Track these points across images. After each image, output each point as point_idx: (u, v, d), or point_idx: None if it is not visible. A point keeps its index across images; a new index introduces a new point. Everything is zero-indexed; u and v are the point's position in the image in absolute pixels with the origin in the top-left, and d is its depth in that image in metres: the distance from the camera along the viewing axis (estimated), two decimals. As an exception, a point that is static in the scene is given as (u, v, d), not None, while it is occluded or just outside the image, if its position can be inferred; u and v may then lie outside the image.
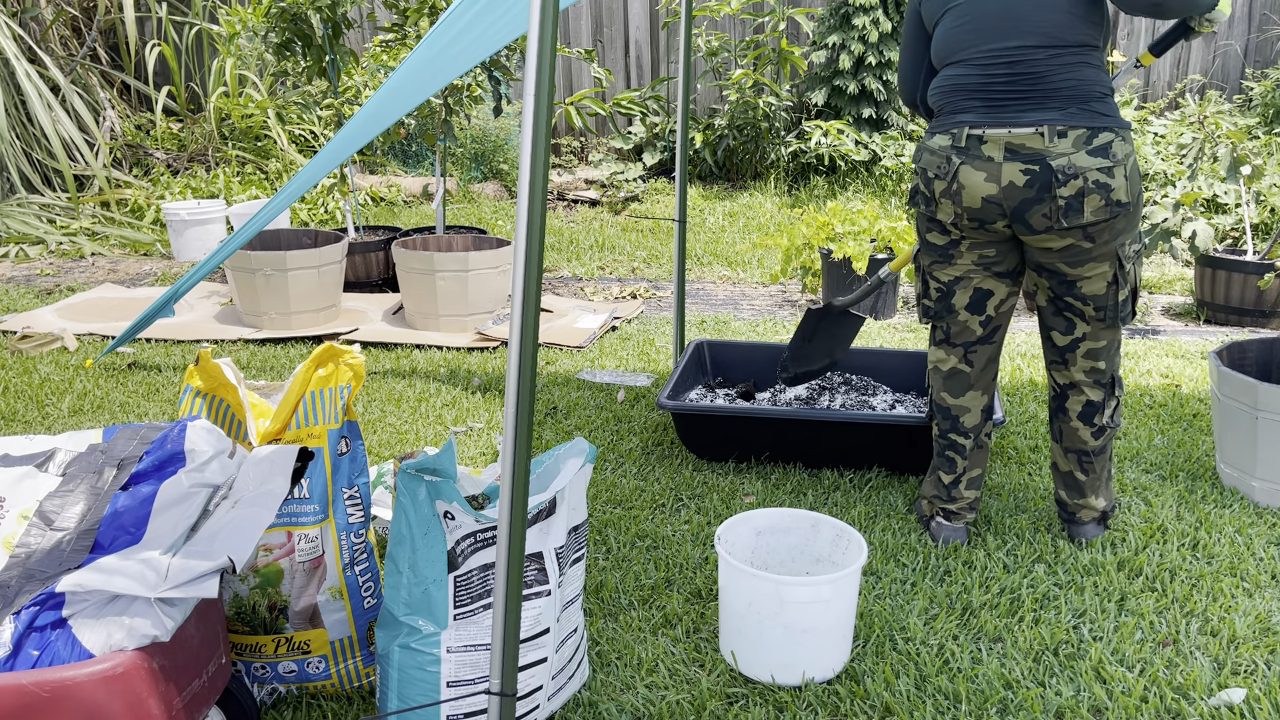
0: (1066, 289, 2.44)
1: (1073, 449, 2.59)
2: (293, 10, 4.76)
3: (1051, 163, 2.26)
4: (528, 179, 1.48)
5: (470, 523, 1.76)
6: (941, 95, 2.43)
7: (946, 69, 2.43)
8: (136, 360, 4.18)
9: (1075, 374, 2.53)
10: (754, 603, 2.02)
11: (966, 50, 2.37)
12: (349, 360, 1.93)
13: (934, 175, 2.40)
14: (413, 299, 4.58)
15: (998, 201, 2.33)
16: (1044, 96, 2.29)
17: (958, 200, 2.38)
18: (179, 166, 7.54)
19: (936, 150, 2.40)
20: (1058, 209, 2.28)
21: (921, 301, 2.62)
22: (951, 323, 2.56)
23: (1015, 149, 2.29)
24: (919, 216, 2.53)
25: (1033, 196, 2.29)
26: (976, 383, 2.61)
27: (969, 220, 2.39)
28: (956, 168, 2.36)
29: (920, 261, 2.58)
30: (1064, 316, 2.49)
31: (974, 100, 2.35)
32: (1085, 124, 2.27)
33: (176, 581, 1.48)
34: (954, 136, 2.36)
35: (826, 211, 5.09)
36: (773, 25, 7.17)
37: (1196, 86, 7.57)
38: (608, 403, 3.66)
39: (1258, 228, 5.51)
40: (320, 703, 2.01)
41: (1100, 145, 2.27)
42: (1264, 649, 2.19)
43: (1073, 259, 2.37)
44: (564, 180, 7.75)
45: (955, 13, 2.40)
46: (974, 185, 2.34)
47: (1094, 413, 2.54)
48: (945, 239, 2.48)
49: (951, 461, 2.63)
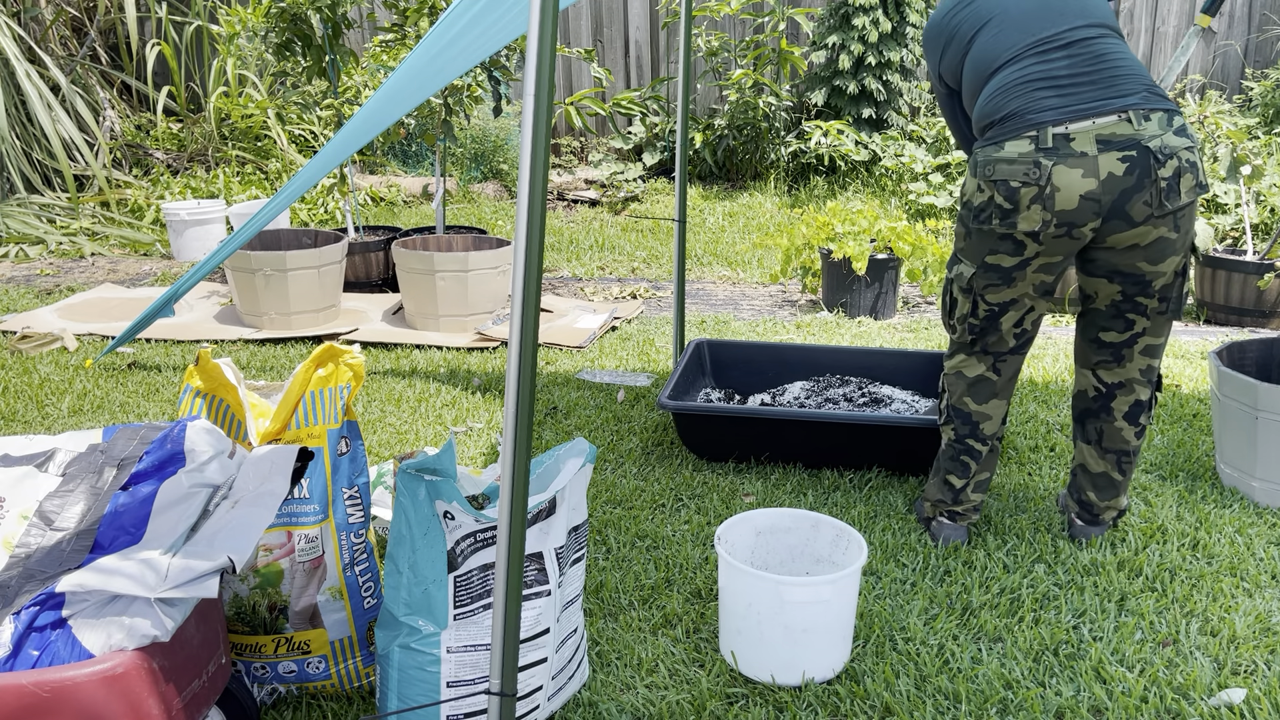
0: (1141, 289, 2.36)
1: (1113, 449, 2.55)
2: (293, 10, 4.76)
3: (1148, 144, 2.20)
4: (528, 179, 1.48)
5: (470, 523, 1.76)
6: (1001, 99, 2.32)
7: (996, 76, 2.35)
8: (136, 360, 4.18)
9: (1130, 371, 2.47)
10: (754, 603, 2.02)
11: (1014, 47, 2.33)
12: (349, 360, 1.93)
13: (1020, 184, 2.24)
14: (413, 299, 4.58)
15: (1096, 198, 2.22)
16: (1112, 79, 2.25)
17: (1049, 205, 2.24)
18: (179, 166, 7.54)
19: (1017, 158, 2.25)
20: (1160, 192, 2.20)
21: (967, 321, 2.49)
22: (992, 337, 2.50)
23: (1107, 140, 2.20)
24: (982, 237, 2.36)
25: (1134, 184, 2.20)
26: (1002, 391, 2.56)
27: (1057, 226, 2.26)
28: (1049, 170, 2.22)
29: (974, 285, 2.43)
30: (1125, 317, 2.41)
31: (1044, 92, 2.27)
32: (1162, 107, 2.24)
33: (176, 582, 1.48)
34: (1035, 140, 2.23)
35: (826, 211, 5.10)
36: (773, 25, 7.17)
37: (1196, 86, 7.57)
38: (608, 403, 3.66)
39: (1258, 228, 5.51)
40: (320, 703, 2.01)
41: (1180, 126, 2.24)
42: (1264, 649, 2.19)
43: (1157, 254, 2.30)
44: (564, 180, 7.75)
45: (987, 29, 2.37)
46: (1070, 185, 2.21)
47: (1140, 412, 2.50)
48: (1014, 259, 2.34)
49: (965, 466, 2.60)
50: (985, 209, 2.32)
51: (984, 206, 2.32)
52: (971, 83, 2.43)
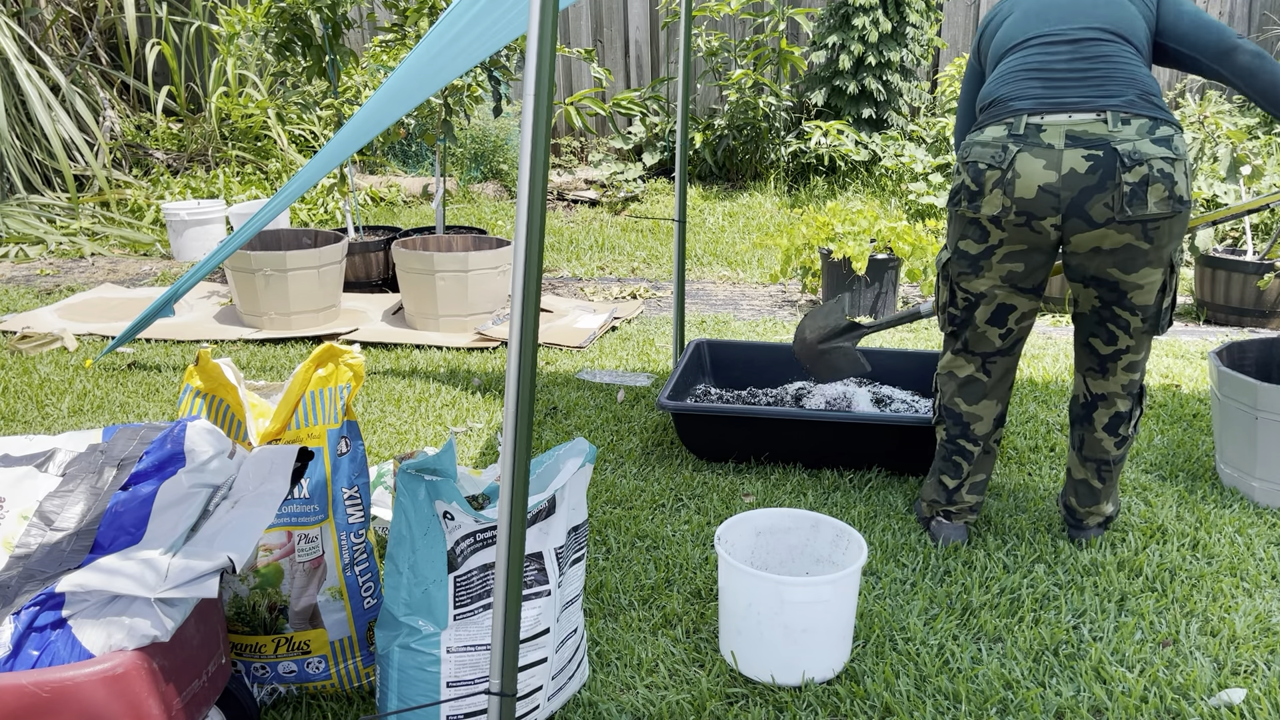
0: (1117, 299, 2.36)
1: (1093, 458, 2.56)
2: (293, 10, 4.76)
3: (1116, 146, 2.19)
4: (528, 179, 1.48)
5: (470, 523, 1.76)
6: (998, 83, 2.36)
7: (1006, 59, 2.39)
8: (136, 360, 4.18)
9: (1112, 385, 2.48)
10: (754, 603, 2.02)
11: (1028, 34, 2.36)
12: (349, 360, 1.93)
13: (986, 165, 2.29)
14: (413, 299, 4.58)
15: (1054, 192, 2.23)
16: (1104, 80, 2.24)
17: (1009, 191, 2.26)
18: (179, 166, 7.54)
19: (990, 141, 2.30)
20: (1121, 196, 2.19)
21: (948, 310, 2.53)
22: (971, 333, 2.51)
23: (1077, 135, 2.21)
24: (955, 221, 2.43)
25: (1095, 184, 2.20)
26: (992, 392, 2.56)
27: (1016, 214, 2.28)
28: (1014, 155, 2.25)
29: (950, 271, 2.49)
30: (1107, 328, 2.41)
31: (1032, 81, 2.29)
32: (1148, 114, 2.22)
33: (176, 582, 1.48)
34: (1010, 125, 2.27)
35: (826, 211, 5.09)
36: (773, 25, 7.17)
37: (1196, 87, 7.57)
38: (608, 403, 3.66)
39: (1258, 228, 5.51)
40: (320, 703, 2.01)
41: (1163, 137, 2.21)
42: (1264, 649, 2.19)
43: (1128, 263, 2.28)
44: (564, 180, 7.75)
45: (1021, 9, 2.42)
46: (1031, 173, 2.23)
47: (1120, 423, 2.51)
48: (980, 247, 2.38)
49: (957, 466, 2.61)
50: (958, 191, 2.39)
51: (957, 189, 2.40)
52: (990, 66, 2.49)
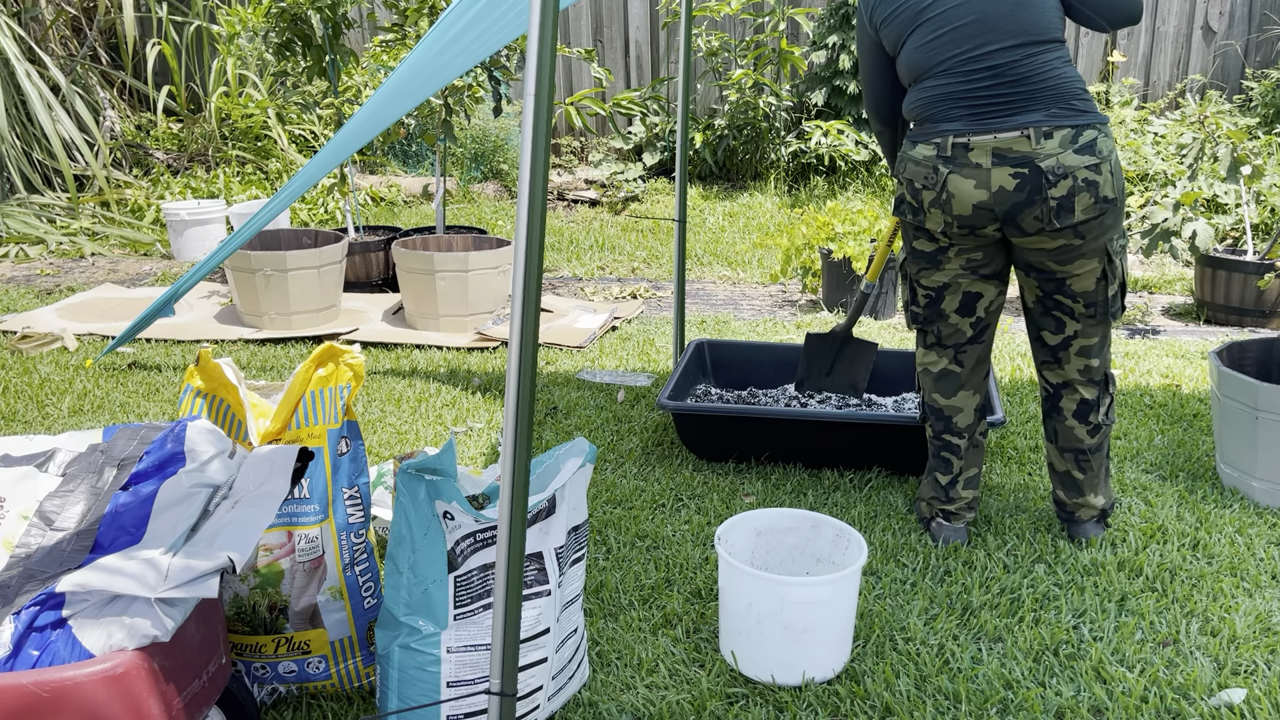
0: (1056, 287, 2.44)
1: (1069, 448, 2.59)
2: (293, 10, 4.76)
3: (1040, 164, 2.26)
4: (528, 179, 1.48)
5: (470, 523, 1.76)
6: (923, 106, 2.40)
7: (925, 81, 2.40)
8: (136, 360, 4.18)
9: (1069, 373, 2.54)
10: (754, 603, 2.02)
11: (945, 61, 2.35)
12: (349, 360, 1.93)
13: (921, 186, 2.39)
14: (413, 299, 4.58)
15: (989, 207, 2.32)
16: (1028, 99, 2.28)
17: (947, 209, 2.37)
18: (179, 166, 7.54)
19: (921, 160, 2.38)
20: (1049, 210, 2.28)
21: (910, 309, 2.61)
22: (942, 326, 2.56)
23: (1002, 153, 2.28)
24: (905, 225, 2.53)
25: (1024, 200, 2.29)
26: (967, 382, 2.61)
27: (959, 228, 2.38)
28: (945, 177, 2.34)
29: (907, 269, 2.57)
30: (1053, 316, 2.49)
31: (959, 109, 2.33)
32: (1069, 123, 2.27)
33: (177, 581, 1.48)
34: (939, 146, 2.35)
35: (826, 211, 5.09)
36: (773, 25, 7.17)
37: (1197, 86, 7.57)
38: (608, 403, 3.66)
39: (1258, 228, 5.51)
40: (320, 703, 2.01)
41: (1086, 143, 2.27)
42: (1264, 649, 2.19)
43: (1063, 257, 2.37)
44: (564, 180, 7.75)
45: (925, 29, 2.37)
46: (964, 194, 2.33)
47: (1089, 411, 2.55)
48: (933, 246, 2.47)
49: (947, 462, 2.63)
50: (901, 202, 2.48)
51: (900, 199, 2.48)
52: (904, 74, 2.46)
